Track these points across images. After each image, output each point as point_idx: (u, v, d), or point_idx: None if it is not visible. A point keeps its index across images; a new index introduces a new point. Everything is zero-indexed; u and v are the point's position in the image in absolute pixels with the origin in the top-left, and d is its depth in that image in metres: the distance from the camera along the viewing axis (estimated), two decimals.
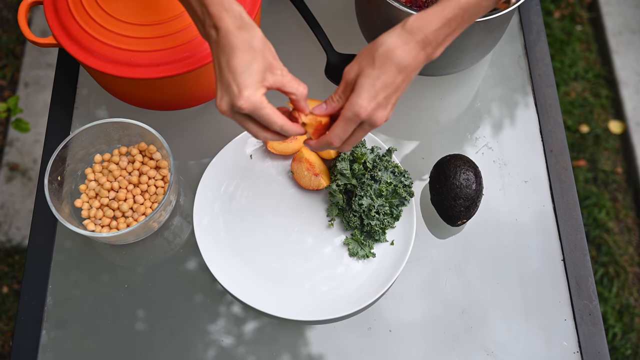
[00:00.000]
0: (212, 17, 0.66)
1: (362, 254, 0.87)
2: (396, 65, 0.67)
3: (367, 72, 0.68)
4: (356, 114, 0.68)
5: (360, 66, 0.69)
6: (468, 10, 0.68)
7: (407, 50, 0.67)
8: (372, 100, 0.68)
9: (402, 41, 0.67)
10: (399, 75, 0.68)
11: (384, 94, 0.68)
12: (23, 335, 0.84)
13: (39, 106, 1.87)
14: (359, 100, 0.68)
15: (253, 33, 0.66)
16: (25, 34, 0.88)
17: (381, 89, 0.68)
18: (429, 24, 0.67)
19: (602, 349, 0.85)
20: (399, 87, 0.68)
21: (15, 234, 1.71)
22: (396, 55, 0.67)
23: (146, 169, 0.89)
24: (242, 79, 0.65)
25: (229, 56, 0.66)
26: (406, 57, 0.67)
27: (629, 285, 1.71)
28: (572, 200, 0.93)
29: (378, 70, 0.67)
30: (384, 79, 0.67)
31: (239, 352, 0.84)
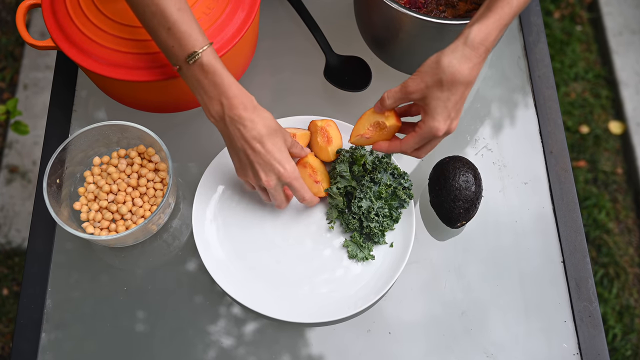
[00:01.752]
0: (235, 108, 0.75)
1: (362, 256, 0.87)
2: (464, 83, 0.71)
3: (436, 95, 0.72)
4: (433, 134, 0.74)
5: (428, 87, 0.72)
6: (516, 13, 0.70)
7: (471, 66, 0.70)
8: (446, 119, 0.73)
9: (467, 59, 0.70)
10: (466, 90, 0.72)
11: (456, 109, 0.73)
12: (23, 337, 0.84)
13: (38, 108, 1.87)
14: (435, 123, 0.73)
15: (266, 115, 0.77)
16: (23, 37, 0.88)
17: (453, 107, 0.72)
18: (490, 36, 0.70)
19: (602, 351, 0.84)
20: (465, 99, 0.73)
21: (15, 236, 1.71)
22: (463, 75, 0.70)
23: (145, 172, 0.89)
24: (279, 157, 0.78)
25: (261, 143, 0.76)
26: (471, 73, 0.71)
27: (629, 286, 1.71)
28: (572, 201, 0.93)
29: (447, 92, 0.71)
30: (455, 99, 0.72)
31: (239, 354, 0.84)
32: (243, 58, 0.95)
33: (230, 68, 0.92)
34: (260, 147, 0.77)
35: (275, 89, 1.01)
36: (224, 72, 0.75)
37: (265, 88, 1.01)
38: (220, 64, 0.74)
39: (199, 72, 0.74)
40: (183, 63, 0.74)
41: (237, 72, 0.96)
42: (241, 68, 0.97)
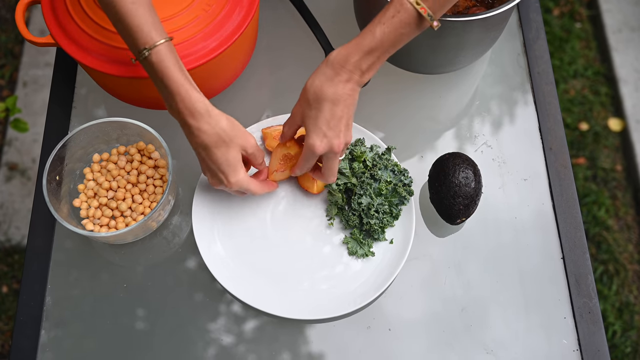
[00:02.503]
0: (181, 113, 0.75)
1: (362, 253, 0.87)
2: (329, 100, 0.75)
3: (307, 114, 0.77)
4: (312, 152, 0.78)
5: (302, 108, 0.78)
6: (386, 41, 0.73)
7: (334, 84, 0.75)
8: (322, 137, 0.77)
9: (327, 78, 0.75)
10: (335, 107, 0.75)
11: (328, 127, 0.76)
12: (22, 334, 0.84)
13: (37, 105, 1.87)
14: (309, 141, 0.77)
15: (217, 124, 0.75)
16: (22, 34, 0.87)
17: (324, 124, 0.76)
18: (349, 58, 0.74)
19: (602, 347, 0.84)
20: (341, 116, 0.76)
21: (14, 234, 1.71)
22: (325, 92, 0.75)
23: (145, 168, 0.89)
24: (224, 169, 0.78)
25: (206, 152, 0.77)
26: (335, 91, 0.75)
27: (629, 282, 1.71)
28: (572, 198, 0.93)
29: (315, 110, 0.76)
30: (323, 116, 0.76)
31: (239, 351, 0.84)
32: (242, 55, 0.95)
33: (230, 65, 0.92)
34: (205, 155, 0.77)
35: (274, 86, 1.01)
36: (175, 72, 0.73)
37: (265, 85, 1.01)
38: (171, 62, 0.73)
39: (150, 68, 0.74)
40: (138, 57, 0.74)
41: (237, 69, 0.96)
42: (241, 65, 0.97)
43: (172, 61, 0.73)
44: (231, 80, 0.97)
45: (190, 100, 0.73)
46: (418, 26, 0.73)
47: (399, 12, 0.72)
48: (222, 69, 0.91)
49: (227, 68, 0.92)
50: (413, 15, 0.71)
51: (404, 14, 0.72)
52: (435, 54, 0.92)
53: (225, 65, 0.90)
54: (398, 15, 0.72)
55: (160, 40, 0.73)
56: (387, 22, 0.72)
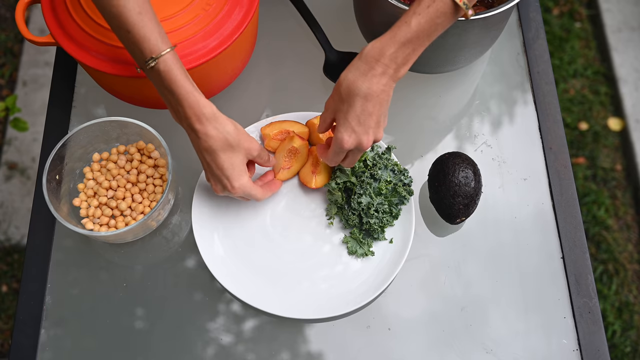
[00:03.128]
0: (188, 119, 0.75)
1: (361, 252, 0.87)
2: (361, 96, 0.74)
3: (339, 108, 0.76)
4: (340, 147, 0.77)
5: (334, 103, 0.77)
6: (422, 32, 0.72)
7: (368, 79, 0.73)
8: (351, 133, 0.76)
9: (361, 72, 0.73)
10: (367, 103, 0.74)
11: (358, 123, 0.75)
12: (22, 333, 0.84)
13: (37, 105, 1.87)
14: (338, 135, 0.77)
15: (224, 128, 0.76)
16: (22, 33, 0.87)
17: (354, 120, 0.75)
18: (384, 51, 0.72)
19: (602, 347, 0.85)
20: (372, 113, 0.75)
21: (14, 233, 1.71)
22: (358, 87, 0.73)
23: (144, 168, 0.89)
24: (229, 174, 0.78)
25: (212, 156, 0.77)
26: (368, 86, 0.73)
27: (629, 282, 1.71)
28: (571, 197, 0.93)
29: (346, 105, 0.75)
30: (354, 111, 0.75)
31: (238, 350, 0.84)
32: (242, 54, 0.95)
33: (230, 64, 0.92)
34: (211, 160, 0.78)
35: (274, 85, 1.01)
36: (182, 79, 0.74)
37: (265, 84, 1.01)
38: (179, 70, 0.74)
39: (157, 77, 0.74)
40: (143, 66, 0.74)
41: (236, 68, 0.96)
42: (240, 64, 0.97)
43: (179, 69, 0.74)
44: (231, 80, 0.97)
45: (198, 106, 0.74)
46: (453, 15, 0.72)
47: (434, 1, 0.70)
48: (221, 69, 0.91)
49: (226, 67, 0.92)
50: (448, 4, 0.70)
51: (440, 3, 0.70)
52: (435, 53, 0.92)
53: (225, 64, 0.90)
54: (433, 4, 0.71)
55: (166, 49, 0.73)
56: (423, 12, 0.71)
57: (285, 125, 0.91)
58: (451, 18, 0.72)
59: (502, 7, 0.82)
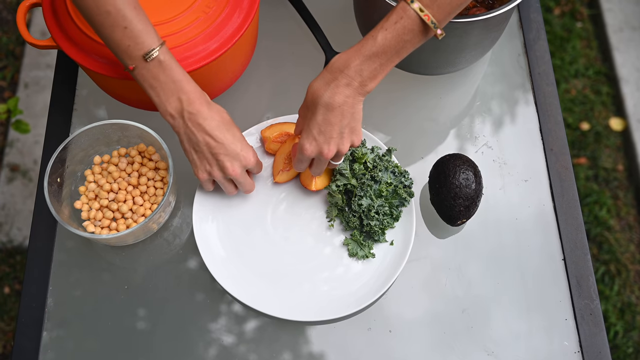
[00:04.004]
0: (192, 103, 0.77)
1: (362, 255, 0.87)
2: (323, 105, 0.75)
3: (304, 115, 0.78)
4: (302, 154, 0.79)
5: (303, 110, 0.79)
6: (388, 47, 0.73)
7: (330, 89, 0.74)
8: (312, 141, 0.77)
9: (325, 82, 0.75)
10: (328, 113, 0.75)
11: (319, 132, 0.76)
12: (24, 335, 0.84)
13: (39, 107, 1.87)
14: (300, 142, 0.79)
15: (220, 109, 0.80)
16: (23, 36, 0.88)
17: (315, 129, 0.76)
18: (349, 62, 0.73)
19: (604, 349, 0.84)
20: (333, 123, 0.76)
21: (16, 235, 1.71)
22: (320, 96, 0.75)
23: (145, 170, 0.89)
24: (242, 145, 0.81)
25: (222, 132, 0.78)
26: (330, 95, 0.74)
27: (631, 283, 1.71)
28: (573, 199, 0.93)
29: (310, 113, 0.77)
30: (315, 120, 0.76)
31: (239, 351, 0.84)
32: (243, 57, 0.95)
33: (230, 67, 0.92)
34: (222, 137, 0.78)
35: (275, 88, 1.01)
36: (180, 68, 0.76)
37: (265, 86, 1.01)
38: (175, 60, 0.76)
39: (157, 69, 0.75)
40: (140, 61, 0.74)
41: (237, 71, 0.96)
42: (241, 67, 0.97)
43: (174, 59, 0.76)
44: (231, 82, 0.97)
45: (199, 90, 0.77)
46: (422, 34, 0.72)
47: (402, 18, 0.71)
48: (222, 71, 0.91)
49: (227, 70, 0.92)
50: (416, 22, 0.71)
51: (407, 20, 0.71)
52: (436, 55, 0.92)
53: (225, 67, 0.90)
54: (401, 21, 0.71)
55: (161, 41, 0.75)
56: (390, 28, 0.72)
57: (285, 127, 0.92)
58: (420, 36, 0.73)
59: (503, 9, 0.81)
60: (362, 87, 0.74)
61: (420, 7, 0.70)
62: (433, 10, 0.70)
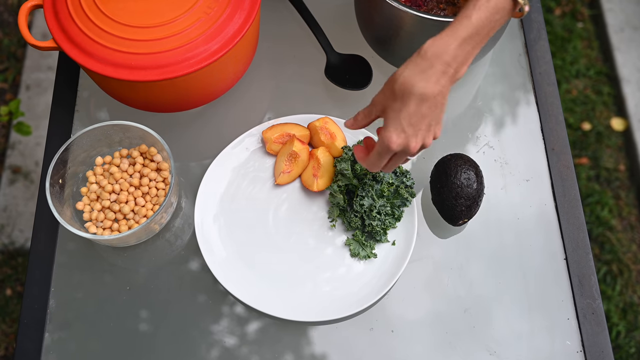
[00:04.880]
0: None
1: (364, 255, 0.87)
2: (417, 95, 0.69)
3: (390, 106, 0.71)
4: (385, 147, 0.72)
5: (386, 98, 0.72)
6: (482, 27, 0.69)
7: (426, 78, 0.68)
8: (400, 133, 0.71)
9: (420, 70, 0.69)
10: (422, 104, 0.69)
11: (409, 124, 0.70)
12: (26, 337, 0.84)
13: (40, 109, 1.87)
14: (386, 134, 0.71)
15: None
16: (25, 38, 0.88)
17: (406, 121, 0.70)
18: (446, 48, 0.68)
19: (606, 348, 0.84)
20: (425, 115, 0.70)
21: (18, 237, 1.71)
22: (415, 86, 0.69)
23: (147, 171, 0.89)
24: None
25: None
26: (425, 85, 0.68)
27: (633, 283, 1.70)
28: (574, 198, 0.93)
29: (399, 103, 0.70)
30: (407, 111, 0.70)
31: (242, 352, 0.84)
32: (244, 57, 0.95)
33: (231, 68, 0.92)
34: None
35: (276, 88, 1.01)
36: None
37: (267, 87, 1.01)
38: None
39: None
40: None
41: (239, 71, 0.96)
42: (242, 67, 0.97)
43: None
44: (233, 83, 0.97)
45: None
46: (510, 12, 0.70)
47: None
48: (223, 72, 0.91)
49: (228, 71, 0.92)
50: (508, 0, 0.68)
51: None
52: None
53: (226, 68, 0.91)
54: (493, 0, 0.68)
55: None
56: (483, 7, 0.68)
57: (287, 128, 0.92)
58: (507, 16, 0.70)
59: None
60: (455, 74, 0.70)
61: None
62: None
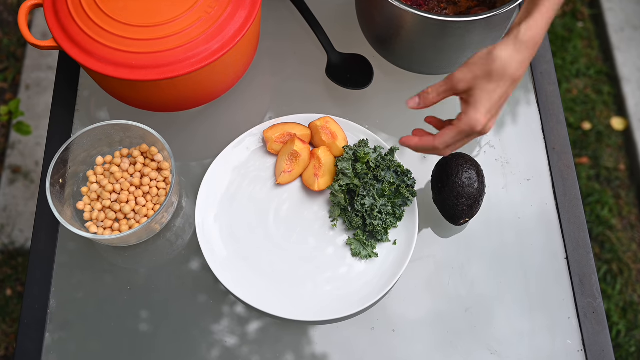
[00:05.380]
0: None
1: (365, 254, 0.87)
2: (512, 77, 0.70)
3: (483, 86, 0.70)
4: (472, 128, 0.71)
5: (475, 78, 0.70)
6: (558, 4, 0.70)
7: (521, 61, 0.69)
8: (488, 113, 0.71)
9: (518, 52, 0.69)
10: (512, 85, 0.70)
11: (498, 105, 0.71)
12: (27, 337, 0.84)
13: (40, 108, 1.87)
14: (477, 115, 0.70)
15: None
16: (25, 37, 0.88)
17: (496, 102, 0.70)
18: (540, 31, 0.69)
19: (607, 347, 0.84)
20: (509, 95, 0.72)
21: (18, 237, 1.71)
22: (512, 68, 0.69)
23: (148, 171, 0.89)
24: None
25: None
26: (519, 68, 0.70)
27: (633, 282, 1.70)
28: (575, 198, 0.93)
29: (495, 84, 0.70)
30: (500, 92, 0.70)
31: (242, 352, 0.84)
32: (245, 57, 0.95)
33: (232, 67, 0.92)
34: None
35: (277, 88, 1.01)
36: None
37: (267, 86, 1.01)
38: None
39: None
40: None
41: (240, 71, 0.96)
42: (243, 67, 0.97)
43: None
44: (233, 82, 0.97)
45: None
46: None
47: None
48: (224, 71, 0.91)
49: (229, 70, 0.92)
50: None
51: None
52: (438, 54, 0.92)
53: (227, 67, 0.90)
54: None
55: None
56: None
57: (287, 127, 0.92)
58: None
59: (505, 8, 0.81)
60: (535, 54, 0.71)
61: None
62: None
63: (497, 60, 0.69)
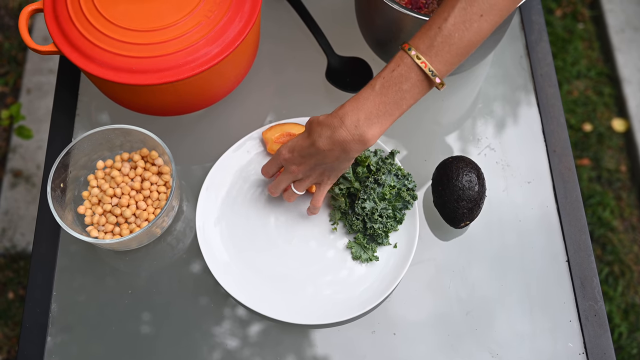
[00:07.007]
0: None
1: (365, 258, 0.87)
2: (311, 135, 0.76)
3: (299, 137, 0.79)
4: (278, 153, 0.81)
5: None
6: (386, 96, 0.71)
7: (321, 133, 0.74)
8: (289, 151, 0.79)
9: (325, 124, 0.74)
10: (306, 139, 0.77)
11: (297, 150, 0.78)
12: (29, 341, 0.84)
13: (41, 112, 1.87)
14: (283, 146, 0.80)
15: None
16: (26, 42, 0.88)
17: (296, 145, 0.78)
18: (351, 113, 0.73)
19: (608, 350, 0.84)
20: (312, 155, 0.77)
21: (19, 240, 1.71)
22: (313, 131, 0.76)
23: (148, 175, 0.89)
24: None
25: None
26: (319, 139, 0.75)
27: (634, 284, 1.70)
28: (576, 200, 0.93)
29: (300, 133, 0.80)
30: (298, 140, 0.78)
31: (243, 355, 0.84)
32: (245, 61, 0.95)
33: (232, 71, 0.92)
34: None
35: (277, 91, 1.01)
36: None
37: (267, 90, 1.01)
38: None
39: None
40: None
41: (239, 75, 0.96)
42: (243, 71, 0.97)
43: None
44: (233, 86, 0.97)
45: None
46: (422, 83, 0.70)
47: (399, 65, 0.70)
48: (224, 75, 0.91)
49: (229, 74, 0.92)
50: (414, 69, 0.69)
51: (404, 67, 0.69)
52: None
53: (227, 71, 0.91)
54: (398, 69, 0.70)
55: None
56: (387, 76, 0.70)
57: (287, 127, 0.92)
58: (420, 86, 0.71)
59: None
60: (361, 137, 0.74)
61: (417, 54, 0.69)
62: (430, 58, 0.68)
63: (311, 119, 0.77)
